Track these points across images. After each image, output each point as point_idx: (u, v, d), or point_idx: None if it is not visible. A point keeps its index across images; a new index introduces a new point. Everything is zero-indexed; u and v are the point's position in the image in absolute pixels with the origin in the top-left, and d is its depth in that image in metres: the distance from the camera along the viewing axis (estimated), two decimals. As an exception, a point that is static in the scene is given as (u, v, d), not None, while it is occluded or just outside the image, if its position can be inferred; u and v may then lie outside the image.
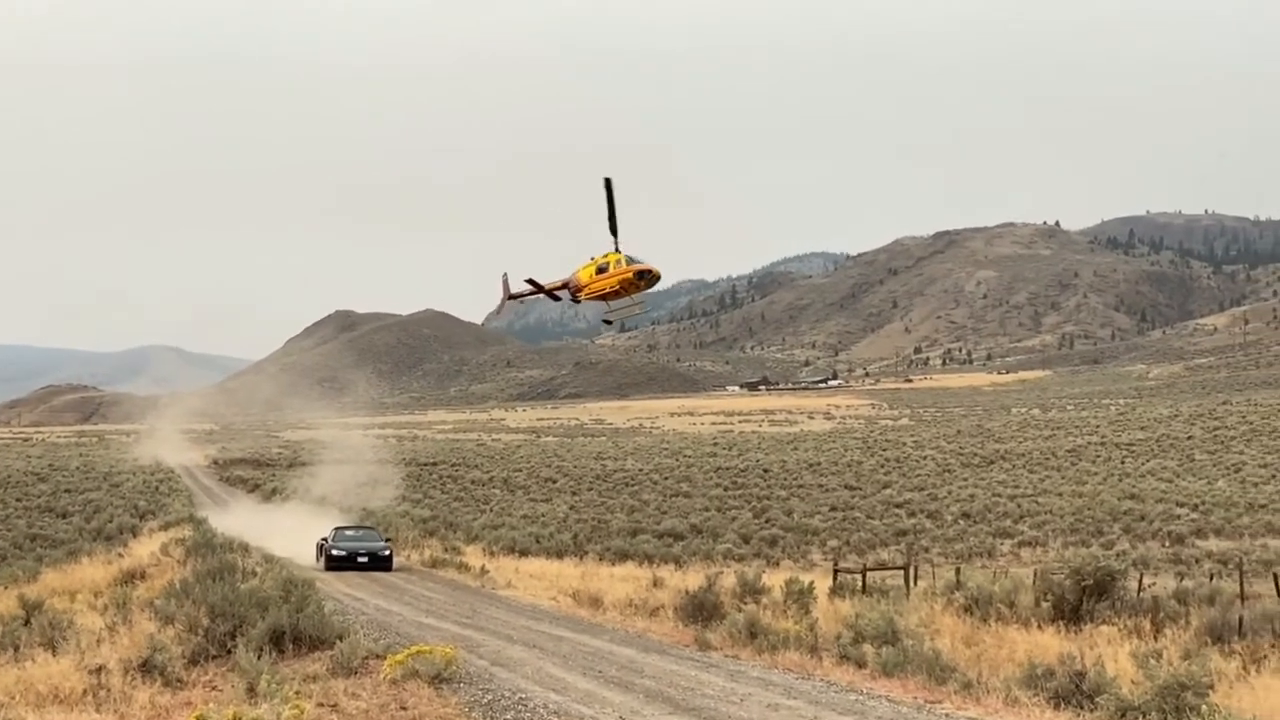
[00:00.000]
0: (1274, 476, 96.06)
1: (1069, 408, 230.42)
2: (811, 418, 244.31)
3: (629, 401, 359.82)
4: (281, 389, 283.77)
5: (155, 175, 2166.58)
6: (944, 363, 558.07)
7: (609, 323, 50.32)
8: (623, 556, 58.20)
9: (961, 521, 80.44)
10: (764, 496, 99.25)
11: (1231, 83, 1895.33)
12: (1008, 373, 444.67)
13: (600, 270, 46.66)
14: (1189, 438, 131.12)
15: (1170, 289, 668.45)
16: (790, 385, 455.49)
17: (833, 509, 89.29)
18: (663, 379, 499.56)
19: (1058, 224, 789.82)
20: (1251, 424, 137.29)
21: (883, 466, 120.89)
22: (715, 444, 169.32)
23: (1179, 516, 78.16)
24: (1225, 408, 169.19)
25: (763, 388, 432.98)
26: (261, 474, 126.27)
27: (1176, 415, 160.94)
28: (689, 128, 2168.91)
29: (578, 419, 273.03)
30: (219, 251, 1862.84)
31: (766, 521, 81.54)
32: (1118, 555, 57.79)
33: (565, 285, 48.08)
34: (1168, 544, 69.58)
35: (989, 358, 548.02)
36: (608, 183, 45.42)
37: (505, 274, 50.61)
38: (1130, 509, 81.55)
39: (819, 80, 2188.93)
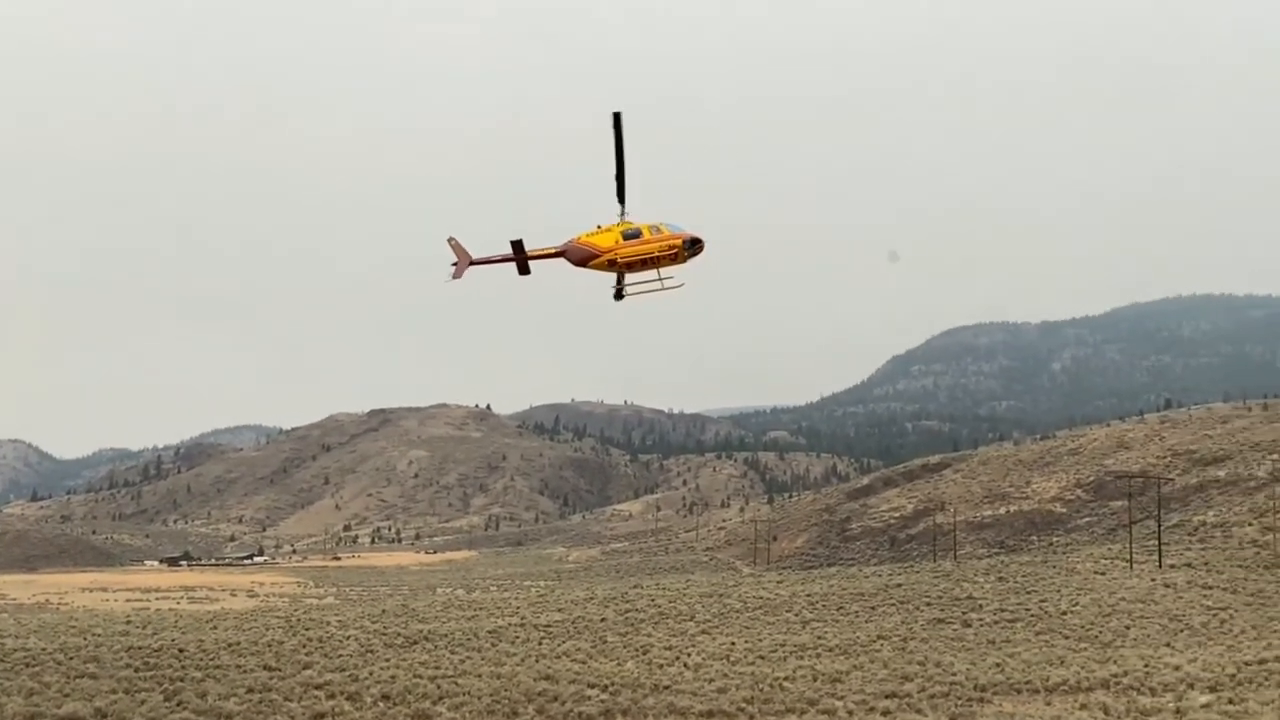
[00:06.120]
0: (678, 658, 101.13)
1: (492, 589, 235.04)
2: (234, 595, 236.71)
3: (36, 575, 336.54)
4: None
5: None
6: (373, 541, 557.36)
7: (620, 298, 44.43)
8: (14, 745, 53.79)
9: (381, 703, 79.62)
10: (178, 678, 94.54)
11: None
12: (435, 552, 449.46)
13: (630, 236, 42.70)
14: (603, 620, 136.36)
15: (591, 474, 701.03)
16: (214, 561, 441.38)
17: (250, 690, 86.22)
18: (75, 552, 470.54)
19: (489, 407, 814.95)
20: (659, 607, 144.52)
21: (304, 646, 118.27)
22: (129, 622, 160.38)
23: (590, 697, 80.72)
24: (637, 591, 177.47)
25: (184, 563, 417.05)
26: None
27: (592, 598, 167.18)
28: (117, 280, 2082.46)
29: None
30: None
31: (178, 704, 77.61)
32: (531, 736, 59.11)
33: (561, 254, 43.53)
34: (579, 723, 71.57)
35: (418, 537, 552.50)
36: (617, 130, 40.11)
37: (453, 238, 44.88)
38: (545, 689, 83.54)
39: (254, 258, 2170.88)
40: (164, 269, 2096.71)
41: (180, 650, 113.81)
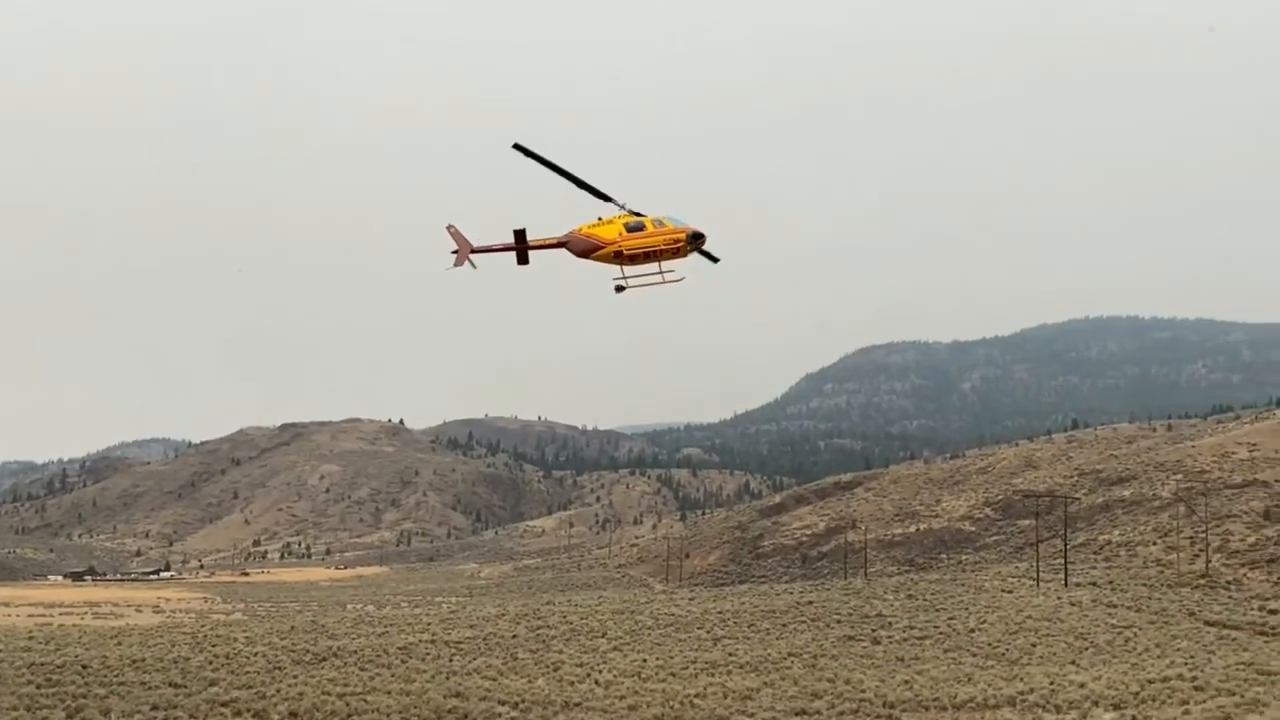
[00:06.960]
0: (589, 675, 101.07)
1: (403, 605, 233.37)
2: (140, 611, 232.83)
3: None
4: None
5: None
6: (283, 556, 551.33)
7: (621, 289, 43.71)
8: (-92, 765, 52.70)
9: (289, 720, 78.85)
10: (81, 695, 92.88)
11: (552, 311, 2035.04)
12: (346, 568, 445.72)
13: (634, 228, 42.35)
14: (514, 636, 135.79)
15: (504, 490, 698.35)
16: (119, 576, 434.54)
17: (154, 708, 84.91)
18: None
19: (402, 422, 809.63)
20: (571, 624, 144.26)
21: (211, 663, 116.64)
22: (31, 638, 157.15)
23: (500, 714, 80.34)
24: (549, 607, 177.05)
25: (89, 578, 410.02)
26: None
27: (504, 614, 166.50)
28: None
29: None
30: None
31: (80, 723, 76.42)
32: (440, 754, 58.79)
33: (562, 244, 43.16)
34: (488, 741, 71.19)
35: (328, 552, 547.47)
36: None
37: (452, 226, 44.49)
38: (455, 707, 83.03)
39: (163, 268, 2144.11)
40: (70, 278, 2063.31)
41: (84, 667, 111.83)
